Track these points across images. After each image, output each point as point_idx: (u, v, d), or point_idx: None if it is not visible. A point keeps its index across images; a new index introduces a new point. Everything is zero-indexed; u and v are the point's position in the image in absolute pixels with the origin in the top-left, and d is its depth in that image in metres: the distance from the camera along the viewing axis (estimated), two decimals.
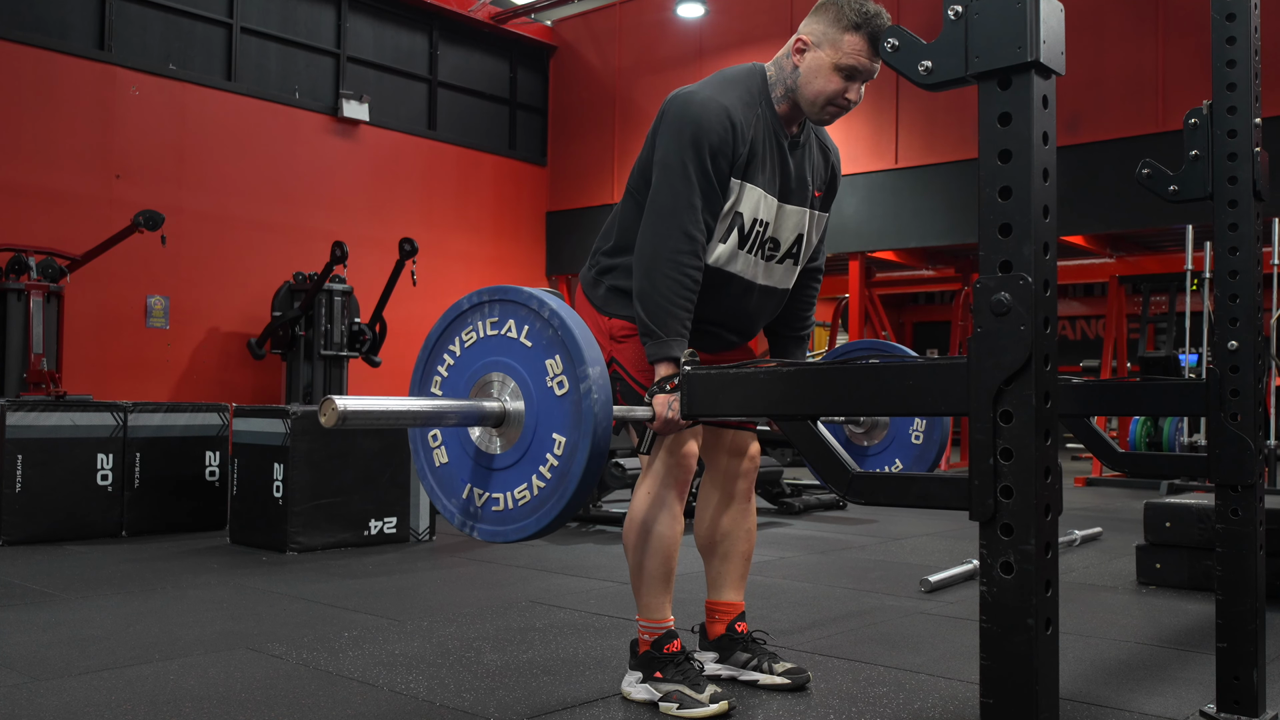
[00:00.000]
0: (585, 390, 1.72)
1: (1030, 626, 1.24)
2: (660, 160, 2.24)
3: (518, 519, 1.78)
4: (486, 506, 1.82)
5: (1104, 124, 8.84)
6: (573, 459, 1.72)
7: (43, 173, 9.01)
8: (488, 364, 1.87)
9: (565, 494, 1.72)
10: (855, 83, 2.23)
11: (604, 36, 12.73)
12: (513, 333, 1.84)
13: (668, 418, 2.06)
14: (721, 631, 2.54)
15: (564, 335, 1.77)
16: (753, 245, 2.31)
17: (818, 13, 2.24)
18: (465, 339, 1.91)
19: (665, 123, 2.26)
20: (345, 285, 9.71)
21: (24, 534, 4.62)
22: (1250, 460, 2.08)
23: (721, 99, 2.23)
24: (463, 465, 1.88)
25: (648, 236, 2.20)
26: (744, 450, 2.53)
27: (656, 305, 2.14)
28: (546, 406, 1.77)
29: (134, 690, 2.40)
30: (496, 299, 1.87)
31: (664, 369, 2.13)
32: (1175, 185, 2.23)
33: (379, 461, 4.76)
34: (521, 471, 1.79)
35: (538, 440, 1.77)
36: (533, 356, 1.80)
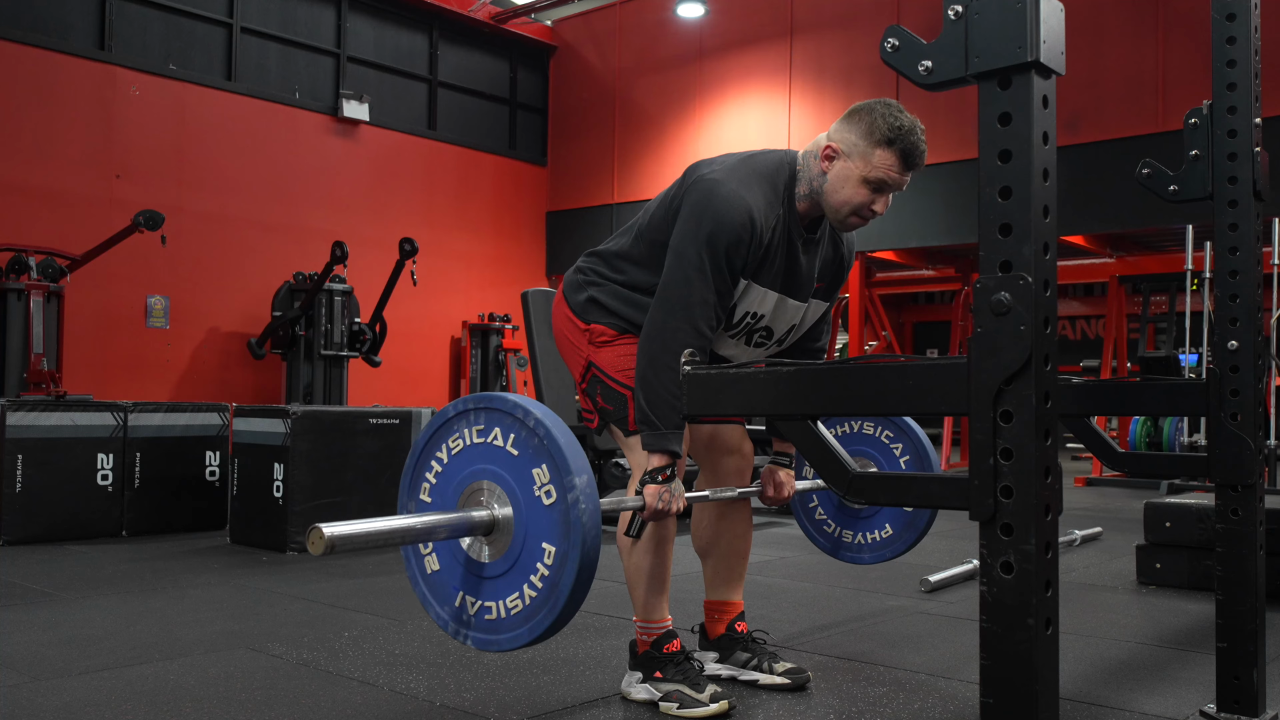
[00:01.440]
0: (573, 500, 1.72)
1: (1030, 626, 1.24)
2: (677, 248, 2.18)
3: (510, 628, 1.79)
4: (479, 615, 1.83)
5: (1104, 124, 8.84)
6: (563, 569, 1.72)
7: (43, 172, 9.01)
8: (475, 472, 1.87)
9: (557, 604, 1.73)
10: (883, 195, 2.19)
11: (604, 36, 12.73)
12: (499, 441, 1.84)
13: (658, 509, 2.09)
14: (721, 631, 2.54)
15: (549, 444, 1.77)
16: (741, 333, 2.31)
17: (850, 120, 2.17)
18: (452, 446, 1.91)
19: (687, 206, 2.20)
20: (345, 285, 9.71)
21: (24, 534, 4.62)
22: (1250, 460, 2.08)
23: (746, 196, 2.16)
24: (454, 573, 1.88)
25: (658, 324, 2.14)
26: (737, 448, 2.53)
27: (659, 397, 2.10)
28: (535, 515, 1.78)
29: (134, 690, 2.40)
30: (482, 407, 1.87)
31: (657, 460, 2.11)
32: (1175, 185, 2.23)
33: (379, 461, 4.76)
34: (512, 581, 1.79)
35: (527, 550, 1.78)
36: (520, 465, 1.81)
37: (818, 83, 10.83)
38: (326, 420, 4.63)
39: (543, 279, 12.90)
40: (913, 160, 2.14)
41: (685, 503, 2.16)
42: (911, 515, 2.81)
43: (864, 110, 2.15)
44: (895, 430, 2.82)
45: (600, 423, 2.38)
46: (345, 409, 4.99)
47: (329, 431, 4.61)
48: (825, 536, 2.98)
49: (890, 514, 2.85)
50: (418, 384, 11.33)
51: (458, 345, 12.02)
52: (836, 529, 2.96)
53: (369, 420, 4.77)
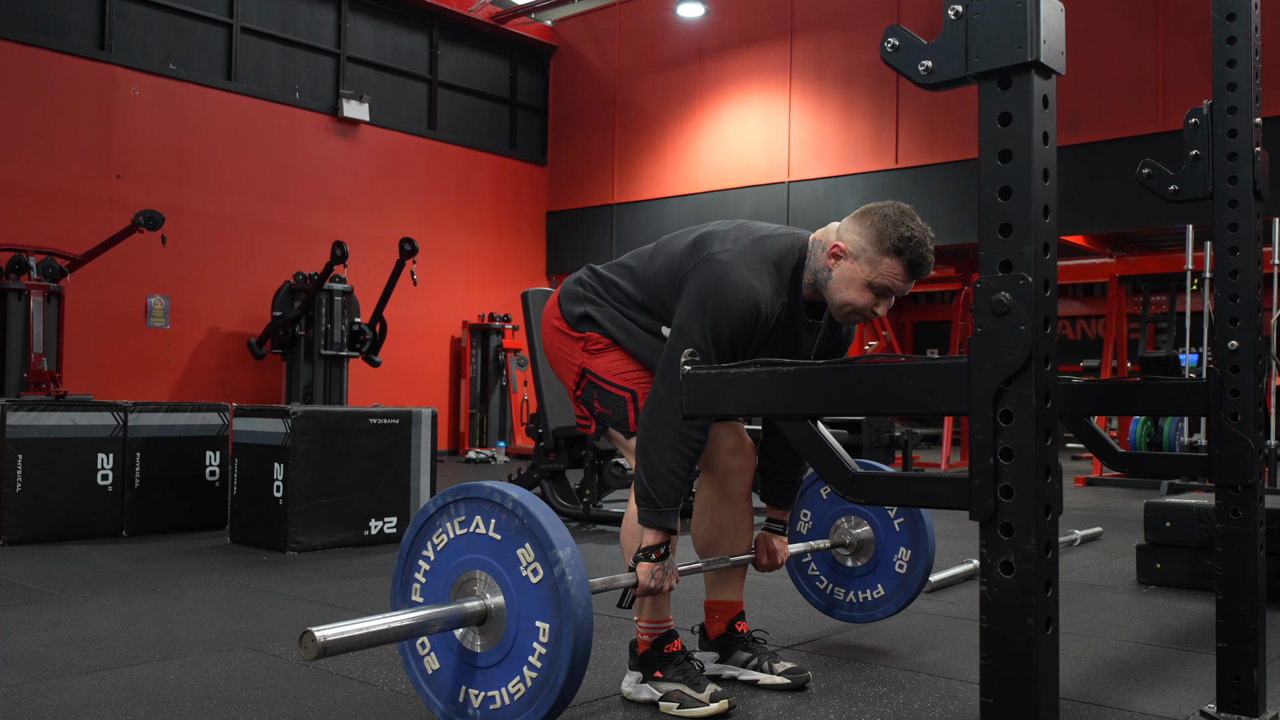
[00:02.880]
0: (559, 574, 1.74)
1: (1030, 626, 1.24)
2: (682, 326, 2.18)
3: (516, 713, 1.80)
4: (483, 706, 1.84)
5: (1104, 124, 8.84)
6: (559, 645, 1.74)
7: (43, 173, 9.01)
8: (463, 563, 1.88)
9: (558, 680, 1.74)
10: (885, 300, 2.19)
11: (604, 36, 12.73)
12: (481, 529, 1.86)
13: (650, 586, 2.13)
14: (722, 631, 2.54)
15: (529, 523, 1.79)
16: None
17: (860, 222, 2.17)
18: (437, 542, 1.93)
19: (694, 284, 2.20)
20: (345, 285, 9.72)
21: (24, 534, 4.62)
22: (1250, 460, 2.08)
23: (755, 284, 2.18)
24: (454, 669, 1.89)
25: (662, 402, 2.15)
26: (738, 447, 2.53)
27: (659, 475, 2.13)
28: (525, 596, 1.79)
29: (134, 690, 2.40)
30: (460, 498, 1.89)
31: (653, 537, 2.15)
32: (1175, 185, 2.23)
33: (379, 461, 4.76)
34: (512, 664, 1.81)
35: (522, 632, 1.79)
36: (504, 549, 1.82)
37: (818, 83, 10.83)
38: (326, 420, 4.63)
39: (543, 279, 12.90)
40: (919, 272, 2.16)
41: (678, 580, 2.21)
42: (904, 577, 2.87)
43: (876, 214, 2.15)
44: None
45: (598, 428, 2.39)
46: (345, 409, 4.99)
47: (329, 431, 4.61)
48: (819, 594, 3.04)
49: (883, 575, 2.91)
50: (418, 384, 11.33)
51: (458, 345, 12.03)
52: (829, 586, 3.01)
53: (369, 420, 4.77)
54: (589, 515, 5.51)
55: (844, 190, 10.53)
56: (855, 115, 10.47)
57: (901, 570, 2.87)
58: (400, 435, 4.85)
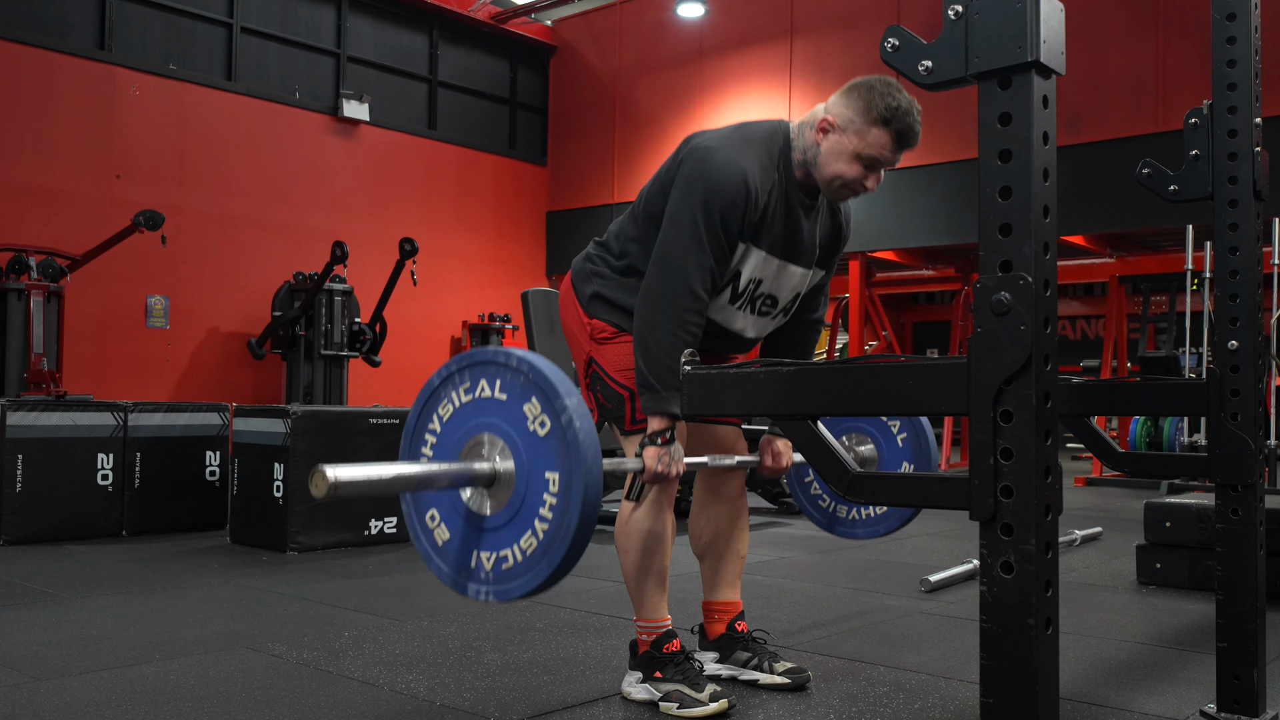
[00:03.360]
0: (566, 421, 1.72)
1: (1030, 626, 1.24)
2: (673, 214, 2.19)
3: (528, 569, 1.78)
4: (496, 567, 1.82)
5: (1104, 124, 8.84)
6: (569, 492, 1.72)
7: (43, 173, 9.01)
8: (470, 429, 1.87)
9: (569, 528, 1.71)
10: (875, 172, 2.20)
11: (604, 36, 12.73)
12: (486, 392, 1.85)
13: (657, 471, 2.10)
14: (721, 631, 2.54)
15: (535, 378, 1.77)
16: (744, 301, 2.31)
17: (848, 95, 2.18)
18: (443, 413, 1.92)
19: (682, 175, 2.21)
20: (345, 285, 9.71)
21: (24, 534, 4.62)
22: (1250, 460, 2.08)
23: (741, 161, 2.18)
24: (463, 535, 1.88)
25: (655, 289, 2.17)
26: (730, 448, 2.53)
27: (657, 360, 2.12)
28: (534, 450, 1.78)
29: (134, 690, 2.40)
30: (464, 366, 1.88)
31: (657, 423, 2.13)
32: (1175, 185, 2.23)
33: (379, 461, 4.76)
34: (523, 521, 1.79)
35: (532, 487, 1.78)
36: (510, 408, 1.81)
37: (818, 83, 10.83)
38: (327, 420, 4.63)
39: (543, 279, 12.90)
40: (907, 141, 2.16)
41: (684, 467, 2.16)
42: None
43: (863, 87, 2.16)
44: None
45: (599, 419, 2.39)
46: (345, 409, 4.99)
47: (329, 431, 4.61)
48: (820, 511, 2.96)
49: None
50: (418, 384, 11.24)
51: (458, 345, 12.03)
52: (831, 504, 2.94)
53: (369, 420, 4.77)
54: None
55: None
56: None
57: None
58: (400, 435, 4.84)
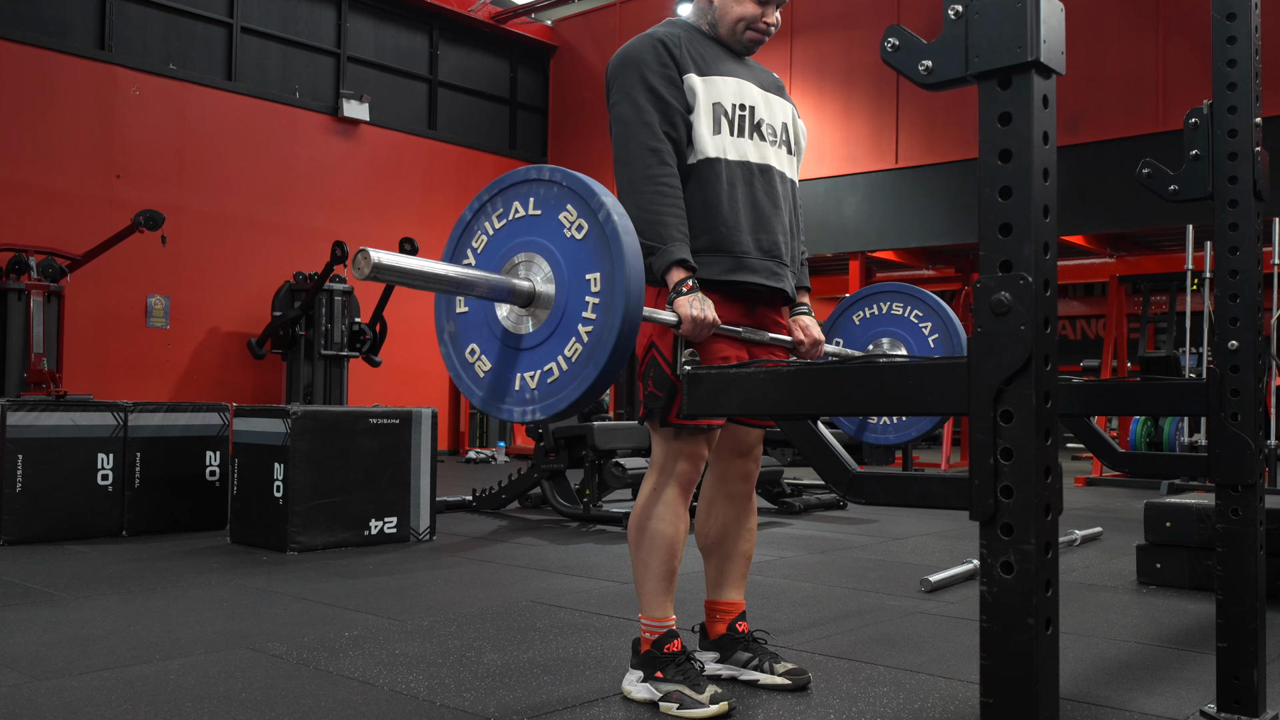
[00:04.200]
0: (604, 218, 1.72)
1: (1030, 626, 1.24)
2: (611, 105, 2.31)
3: (576, 374, 1.74)
4: (541, 381, 1.79)
5: (1104, 124, 8.84)
6: (613, 288, 1.70)
7: (43, 173, 9.01)
8: (505, 253, 1.86)
9: (614, 326, 1.69)
10: (770, 6, 2.35)
11: (604, 36, 12.72)
12: (520, 212, 1.85)
13: (694, 316, 2.07)
14: (722, 631, 2.54)
15: (570, 183, 1.78)
16: (743, 129, 2.35)
17: None
18: (476, 245, 1.91)
19: (607, 79, 2.35)
20: (345, 285, 9.71)
21: (24, 534, 4.62)
22: (1250, 460, 2.08)
23: (650, 33, 2.34)
24: (506, 359, 1.85)
25: (619, 169, 2.26)
26: (748, 451, 2.52)
27: (646, 222, 2.17)
28: (572, 255, 1.77)
29: (134, 690, 2.40)
30: (495, 192, 1.89)
31: (675, 274, 2.15)
32: (1175, 185, 2.23)
33: (379, 461, 4.76)
34: (566, 330, 1.76)
35: (573, 292, 1.76)
36: (546, 221, 1.81)
37: (818, 83, 10.83)
38: (326, 420, 4.63)
39: None
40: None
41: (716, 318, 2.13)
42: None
43: None
44: (925, 309, 2.79)
45: (645, 412, 2.34)
46: (345, 409, 4.99)
47: (329, 431, 4.61)
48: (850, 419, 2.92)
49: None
50: (418, 384, 11.33)
51: None
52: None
53: (369, 420, 4.77)
54: (589, 515, 5.51)
55: (844, 190, 10.52)
56: (855, 115, 10.47)
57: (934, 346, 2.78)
58: (400, 435, 4.85)
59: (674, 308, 2.09)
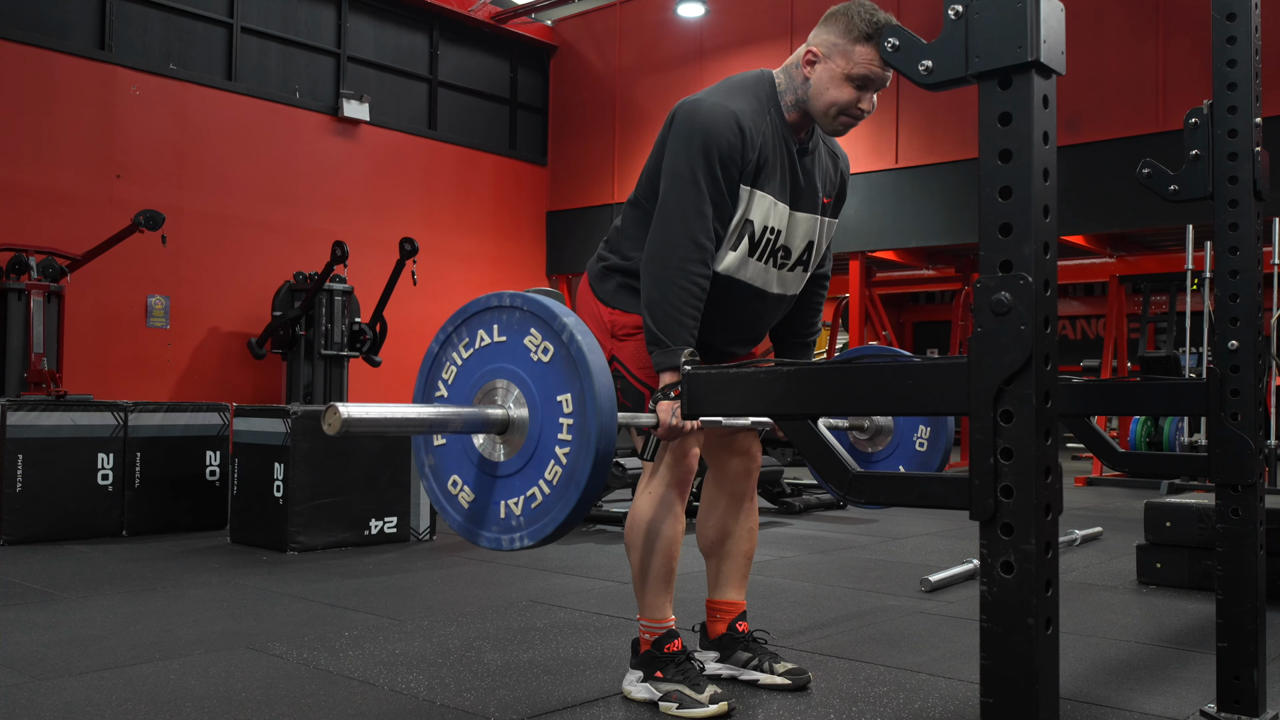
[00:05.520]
0: (568, 339, 1.72)
1: (1030, 626, 1.24)
2: (669, 168, 2.20)
3: (558, 498, 1.74)
4: (526, 507, 1.80)
5: (1104, 124, 8.84)
6: (584, 407, 1.70)
7: (43, 173, 9.01)
8: (475, 381, 1.86)
9: (589, 444, 1.69)
10: (868, 92, 2.21)
11: (604, 36, 12.72)
12: (486, 340, 1.85)
13: (672, 424, 2.07)
14: (723, 631, 2.54)
15: (530, 308, 1.78)
16: (764, 253, 2.30)
17: (826, 23, 2.20)
18: (447, 377, 1.91)
19: (674, 130, 2.23)
20: (345, 285, 9.71)
21: (24, 533, 4.62)
22: (1250, 460, 2.08)
23: (730, 105, 2.20)
24: (489, 490, 1.86)
25: (656, 244, 2.18)
26: (746, 450, 2.53)
27: (664, 314, 2.12)
28: (542, 379, 1.76)
29: (134, 690, 2.40)
30: (459, 323, 1.89)
31: (669, 377, 2.13)
32: (1175, 185, 2.23)
33: (379, 461, 4.76)
34: (544, 454, 1.76)
35: (547, 415, 1.75)
36: (512, 346, 1.81)
37: None
38: None
39: (543, 279, 12.90)
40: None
41: (699, 423, 2.12)
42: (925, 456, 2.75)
43: (840, 12, 2.19)
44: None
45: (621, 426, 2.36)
46: None
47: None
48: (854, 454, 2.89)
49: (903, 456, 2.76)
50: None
51: None
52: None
53: None
54: (590, 515, 5.51)
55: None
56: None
57: (922, 449, 2.77)
58: (400, 435, 4.84)
59: (656, 408, 2.09)
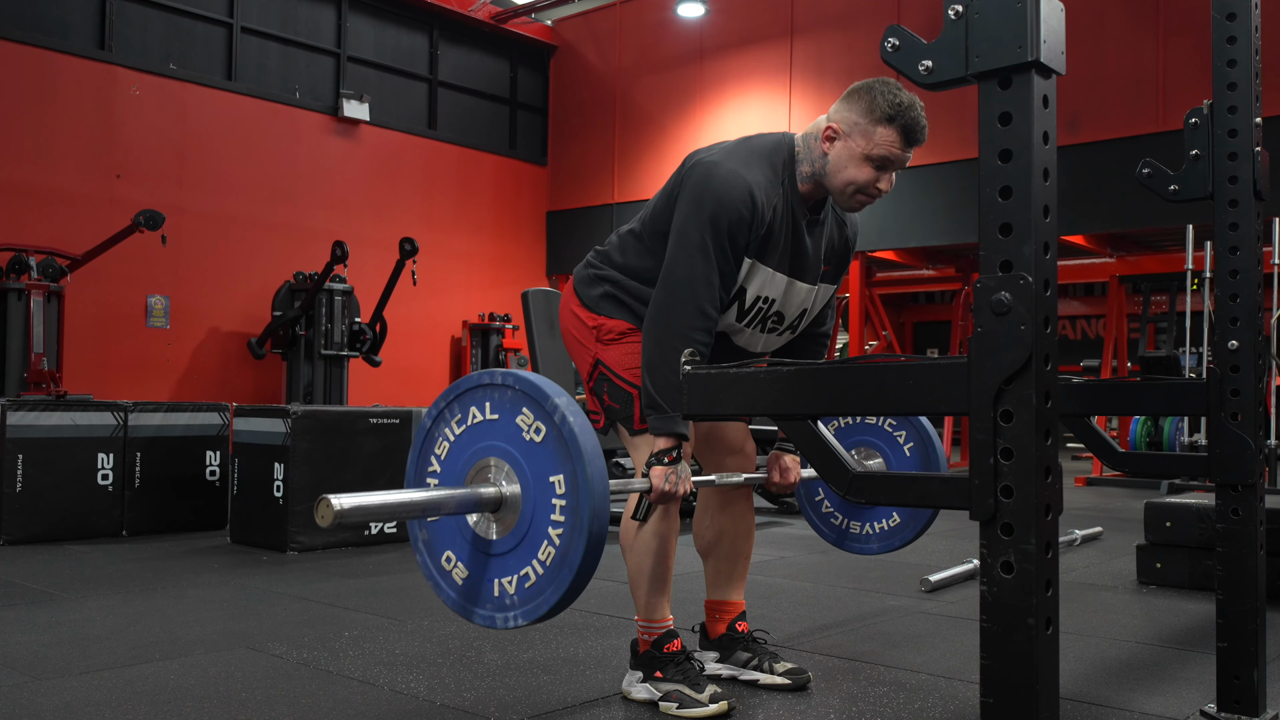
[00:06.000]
0: (560, 420, 1.72)
1: (1030, 626, 1.24)
2: (679, 230, 2.18)
3: (551, 578, 1.76)
4: (519, 587, 1.80)
5: (1104, 124, 8.84)
6: (577, 489, 1.71)
7: (43, 173, 9.01)
8: (468, 459, 1.87)
9: (582, 528, 1.70)
10: (887, 172, 2.17)
11: (604, 36, 12.72)
12: (478, 417, 1.85)
13: (664, 490, 2.10)
14: (722, 631, 2.54)
15: (522, 387, 1.78)
16: (754, 320, 2.30)
17: (849, 100, 2.17)
18: (439, 452, 1.92)
19: (687, 190, 2.20)
20: (345, 285, 9.71)
21: (25, 533, 4.62)
22: (1250, 460, 2.08)
23: (746, 175, 2.17)
24: (483, 567, 1.86)
25: (662, 305, 2.16)
26: (739, 448, 2.53)
27: (665, 380, 2.12)
28: (534, 459, 1.77)
29: (134, 690, 2.40)
30: (452, 399, 1.89)
31: (664, 442, 2.13)
32: (1176, 185, 2.23)
33: (379, 461, 4.76)
34: (537, 534, 1.77)
35: (540, 495, 1.76)
36: (504, 425, 1.81)
37: (818, 83, 10.83)
38: (327, 420, 4.63)
39: (543, 279, 12.90)
40: (914, 136, 2.14)
41: (691, 486, 2.16)
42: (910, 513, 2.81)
43: (863, 89, 2.15)
44: (899, 420, 2.82)
45: (606, 422, 2.38)
46: (345, 409, 4.99)
47: (329, 431, 4.61)
48: (831, 528, 2.96)
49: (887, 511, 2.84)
50: (418, 384, 11.33)
51: (458, 345, 12.02)
52: (843, 520, 2.93)
53: (369, 420, 4.77)
54: None
55: None
56: None
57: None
58: (400, 435, 4.85)
59: (649, 473, 2.11)
